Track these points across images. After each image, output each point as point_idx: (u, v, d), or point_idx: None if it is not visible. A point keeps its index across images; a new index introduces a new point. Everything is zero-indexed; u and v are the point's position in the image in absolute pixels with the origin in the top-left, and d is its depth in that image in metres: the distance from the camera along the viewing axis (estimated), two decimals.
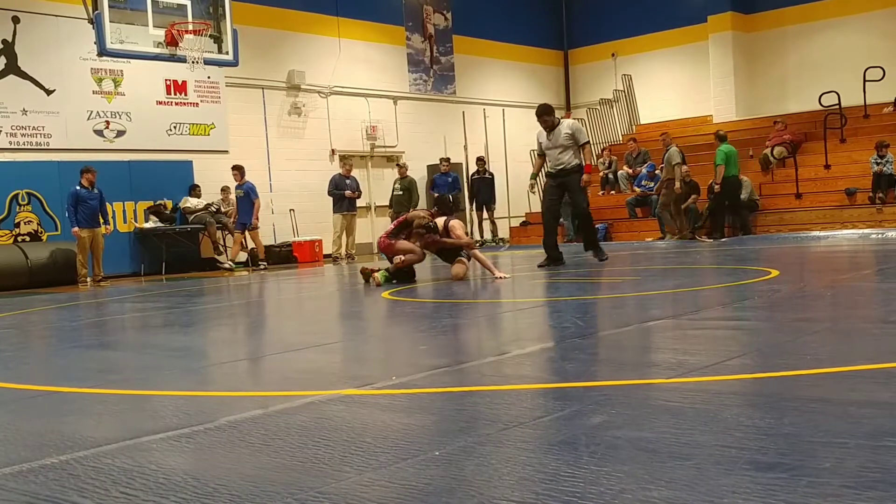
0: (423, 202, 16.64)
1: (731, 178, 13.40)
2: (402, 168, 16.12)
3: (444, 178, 16.71)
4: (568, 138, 9.12)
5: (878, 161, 13.71)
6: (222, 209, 14.60)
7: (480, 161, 17.32)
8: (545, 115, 9.27)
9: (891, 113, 16.26)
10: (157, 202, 14.27)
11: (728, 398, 2.59)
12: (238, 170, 13.82)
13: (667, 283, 6.95)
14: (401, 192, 15.77)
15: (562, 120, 9.49)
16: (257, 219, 13.92)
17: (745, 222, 14.24)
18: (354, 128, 17.59)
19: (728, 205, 13.73)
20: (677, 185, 13.79)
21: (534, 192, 10.25)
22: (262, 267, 13.75)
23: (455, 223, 8.38)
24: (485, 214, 17.41)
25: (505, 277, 7.69)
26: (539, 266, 9.13)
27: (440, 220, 8.33)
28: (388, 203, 16.48)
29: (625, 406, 2.52)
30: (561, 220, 14.87)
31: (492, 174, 17.38)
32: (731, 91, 19.38)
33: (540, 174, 10.48)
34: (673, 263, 9.17)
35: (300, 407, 2.78)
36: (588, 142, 9.43)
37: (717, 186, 13.30)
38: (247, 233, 14.00)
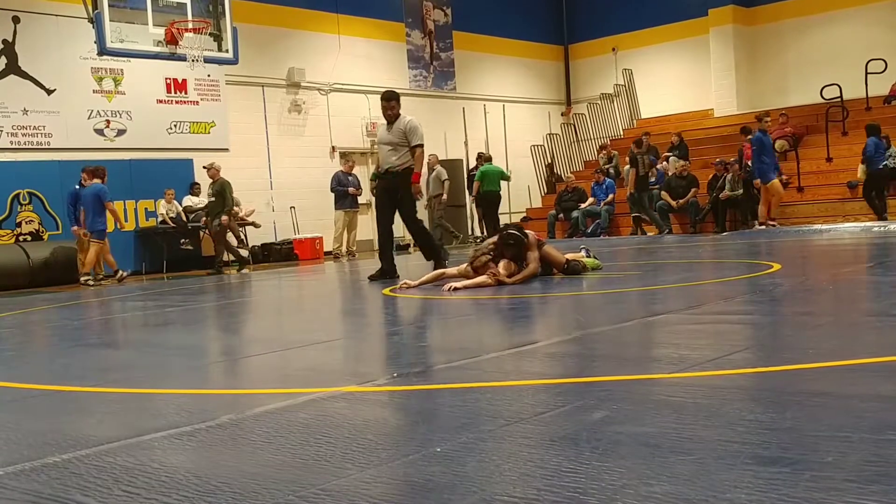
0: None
1: (486, 192, 15.35)
2: (212, 170, 12.93)
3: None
4: (401, 136, 8.20)
5: None
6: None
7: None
8: (390, 100, 8.35)
9: (891, 106, 16.22)
10: (194, 183, 14.56)
11: (730, 393, 2.58)
12: None
13: (668, 277, 6.94)
14: (213, 199, 12.92)
15: (403, 115, 8.43)
16: None
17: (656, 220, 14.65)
18: (355, 125, 17.57)
19: (484, 215, 15.67)
20: (444, 197, 15.53)
21: (373, 194, 8.99)
22: None
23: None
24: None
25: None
26: (370, 278, 8.26)
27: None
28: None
29: (626, 401, 2.51)
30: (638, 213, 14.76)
31: None
32: (732, 85, 19.35)
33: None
34: (674, 258, 9.17)
35: (302, 404, 2.78)
36: (421, 145, 8.28)
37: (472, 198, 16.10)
38: None
